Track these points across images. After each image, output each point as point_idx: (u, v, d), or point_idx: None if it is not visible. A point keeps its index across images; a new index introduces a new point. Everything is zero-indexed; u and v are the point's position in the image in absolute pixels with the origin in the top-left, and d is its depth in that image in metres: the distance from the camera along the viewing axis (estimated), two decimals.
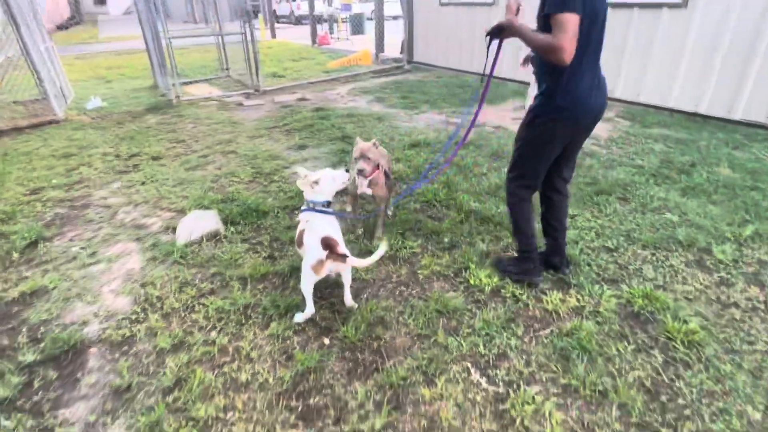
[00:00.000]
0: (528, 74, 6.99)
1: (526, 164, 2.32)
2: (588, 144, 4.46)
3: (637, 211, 3.24)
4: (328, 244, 2.11)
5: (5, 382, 1.98)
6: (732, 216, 3.11)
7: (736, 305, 2.32)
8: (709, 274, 2.56)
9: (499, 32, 2.09)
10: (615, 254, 2.76)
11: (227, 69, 9.02)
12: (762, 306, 2.31)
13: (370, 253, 2.84)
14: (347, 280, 2.27)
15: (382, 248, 2.13)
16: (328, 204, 2.41)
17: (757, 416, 1.73)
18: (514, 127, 5.33)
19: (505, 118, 5.73)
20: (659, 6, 5.22)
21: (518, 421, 1.71)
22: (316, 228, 2.21)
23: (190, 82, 8.48)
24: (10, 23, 5.58)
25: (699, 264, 2.66)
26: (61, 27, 23.44)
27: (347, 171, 2.51)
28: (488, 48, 2.25)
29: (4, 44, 11.44)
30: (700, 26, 4.98)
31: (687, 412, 1.75)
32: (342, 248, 2.15)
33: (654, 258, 2.72)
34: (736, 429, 1.67)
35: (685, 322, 2.16)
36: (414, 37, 9.76)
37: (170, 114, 6.44)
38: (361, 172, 2.62)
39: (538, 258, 2.49)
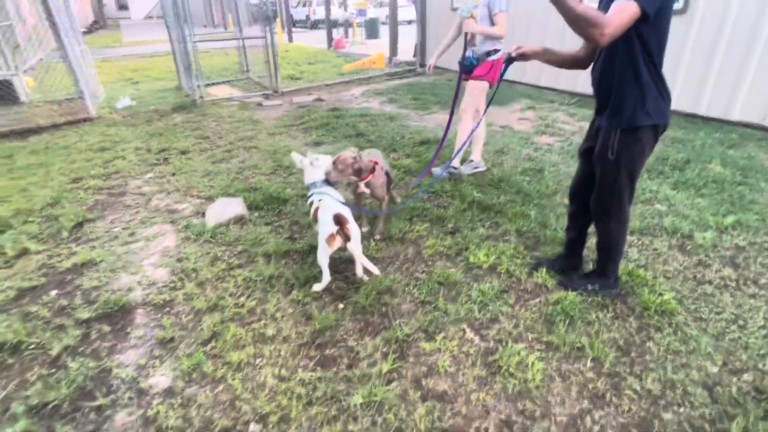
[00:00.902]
0: (532, 76, 7.16)
1: (625, 182, 2.15)
2: None
3: None
4: (339, 220, 2.42)
5: (67, 333, 2.33)
6: (717, 207, 3.35)
7: (710, 282, 2.57)
8: (689, 257, 2.81)
9: None
10: None
11: (247, 71, 9.44)
12: (733, 284, 2.55)
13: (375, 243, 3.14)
14: (357, 256, 2.57)
15: (376, 270, 2.64)
16: (327, 182, 2.78)
17: (714, 369, 1.99)
18: (519, 126, 5.62)
19: (511, 118, 6.01)
20: None
21: (504, 368, 2.00)
22: (330, 205, 2.53)
23: (213, 84, 8.91)
24: (51, 27, 6.03)
25: (680, 248, 2.91)
26: (85, 31, 24.30)
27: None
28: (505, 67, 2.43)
29: (36, 48, 12.04)
30: (698, 31, 5.20)
31: (652, 365, 2.01)
32: (351, 225, 2.46)
33: (639, 242, 2.98)
34: (694, 379, 1.94)
35: (661, 294, 2.41)
36: (426, 41, 10.07)
37: (195, 113, 6.84)
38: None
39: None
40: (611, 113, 2.08)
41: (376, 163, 2.96)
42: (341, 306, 2.47)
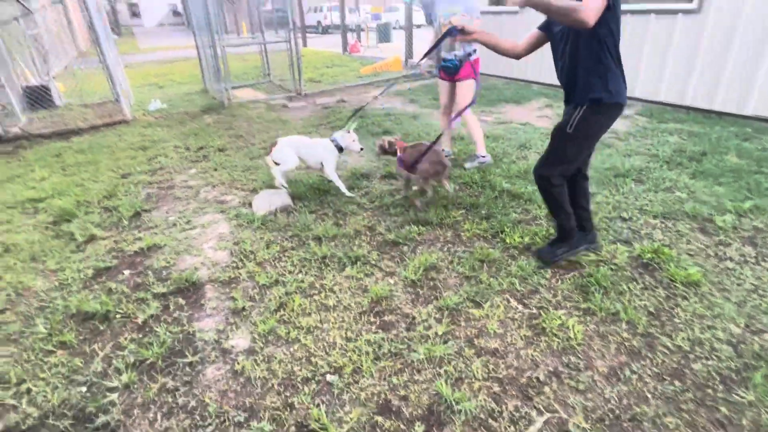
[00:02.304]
0: (548, 76, 7.47)
1: (573, 155, 2.48)
2: (607, 137, 4.95)
3: (650, 191, 3.71)
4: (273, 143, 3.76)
5: (149, 305, 2.60)
6: (735, 194, 3.55)
7: (731, 259, 2.78)
8: (710, 237, 3.03)
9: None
10: (629, 222, 3.25)
11: (269, 75, 9.76)
12: (753, 260, 2.76)
13: (418, 222, 3.39)
14: (276, 175, 3.83)
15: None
16: (341, 150, 3.85)
17: (738, 330, 2.20)
18: (539, 123, 5.86)
19: (530, 116, 6.24)
20: (675, 12, 5.67)
21: (548, 330, 2.23)
22: (288, 140, 3.79)
23: (236, 87, 9.23)
24: (91, 33, 6.38)
25: (702, 230, 3.12)
26: None
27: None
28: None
29: (60, 56, 12.43)
30: (712, 29, 5.41)
31: (681, 327, 2.24)
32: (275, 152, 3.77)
33: (663, 225, 3.19)
34: (719, 338, 2.16)
35: (686, 269, 2.63)
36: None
37: (224, 114, 7.15)
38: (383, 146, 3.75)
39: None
40: (580, 95, 2.34)
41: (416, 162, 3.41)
42: (392, 281, 2.72)
